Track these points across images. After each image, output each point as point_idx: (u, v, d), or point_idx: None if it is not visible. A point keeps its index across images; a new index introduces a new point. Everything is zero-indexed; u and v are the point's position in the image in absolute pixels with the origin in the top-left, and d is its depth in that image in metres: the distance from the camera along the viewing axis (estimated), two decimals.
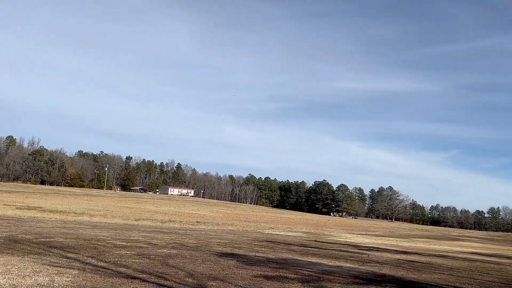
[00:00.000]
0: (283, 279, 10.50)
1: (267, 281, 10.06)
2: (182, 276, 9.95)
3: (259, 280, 10.20)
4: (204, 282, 9.33)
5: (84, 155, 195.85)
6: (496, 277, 15.13)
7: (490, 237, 77.54)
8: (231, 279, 9.98)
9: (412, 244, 36.79)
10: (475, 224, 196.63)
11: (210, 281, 9.51)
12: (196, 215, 59.57)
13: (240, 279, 10.09)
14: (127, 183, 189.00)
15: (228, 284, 9.38)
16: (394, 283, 11.46)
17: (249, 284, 9.53)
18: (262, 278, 10.45)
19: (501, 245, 49.76)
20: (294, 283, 10.06)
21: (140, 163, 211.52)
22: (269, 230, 40.89)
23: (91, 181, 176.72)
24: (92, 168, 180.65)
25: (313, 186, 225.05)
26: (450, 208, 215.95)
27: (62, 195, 75.78)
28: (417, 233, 66.97)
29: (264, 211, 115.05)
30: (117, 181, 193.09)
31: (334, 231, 49.37)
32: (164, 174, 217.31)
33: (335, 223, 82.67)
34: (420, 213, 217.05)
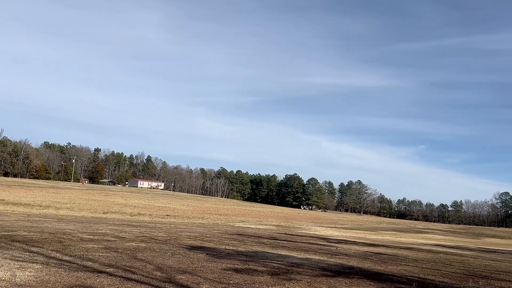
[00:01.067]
0: (253, 272, 10.52)
1: (236, 274, 10.05)
2: (151, 269, 9.81)
3: (228, 273, 10.17)
4: (173, 276, 9.23)
5: (50, 147, 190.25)
6: (458, 268, 15.67)
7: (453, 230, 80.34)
8: (200, 273, 9.91)
9: (379, 236, 37.69)
10: (439, 217, 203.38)
11: (179, 275, 9.42)
12: (166, 208, 58.98)
13: (210, 272, 10.04)
14: (95, 175, 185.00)
15: (197, 277, 9.31)
16: (362, 275, 11.68)
17: (218, 277, 9.49)
18: (232, 271, 10.43)
19: (463, 238, 51.71)
20: (264, 276, 10.09)
21: (109, 155, 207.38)
22: (240, 223, 40.97)
23: (58, 173, 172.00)
24: (58, 160, 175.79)
25: (284, 180, 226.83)
26: (416, 201, 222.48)
27: (26, 188, 73.37)
28: (384, 226, 68.67)
29: (235, 204, 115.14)
30: (85, 173, 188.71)
31: (304, 224, 49.97)
32: (134, 166, 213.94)
33: (305, 216, 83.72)
34: (387, 207, 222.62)
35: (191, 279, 9.05)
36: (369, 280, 10.73)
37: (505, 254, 26.61)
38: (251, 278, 9.66)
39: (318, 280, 10.11)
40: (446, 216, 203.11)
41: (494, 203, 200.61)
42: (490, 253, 26.41)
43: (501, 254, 26.23)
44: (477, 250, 28.60)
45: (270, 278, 9.85)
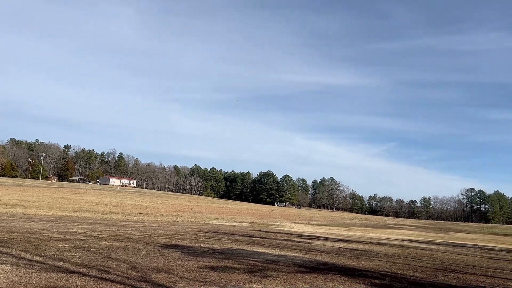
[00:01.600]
0: (229, 270, 10.52)
1: (213, 272, 10.03)
2: (125, 269, 9.66)
3: (204, 271, 10.14)
4: (148, 275, 9.12)
5: (17, 143, 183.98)
6: (428, 263, 16.13)
7: (422, 225, 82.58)
8: (176, 271, 9.83)
9: (351, 232, 38.33)
10: (409, 213, 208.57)
11: (155, 274, 9.32)
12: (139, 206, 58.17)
13: (186, 271, 9.97)
14: (65, 173, 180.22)
15: (173, 276, 9.24)
16: (336, 270, 11.86)
17: (194, 276, 9.44)
18: (208, 269, 10.40)
19: (432, 232, 53.21)
20: (240, 273, 10.10)
21: (80, 152, 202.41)
22: (214, 220, 40.85)
23: (25, 171, 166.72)
24: (26, 157, 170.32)
25: (258, 177, 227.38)
26: (386, 198, 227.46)
27: None
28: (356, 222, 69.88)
29: (209, 201, 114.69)
30: (54, 171, 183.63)
31: (278, 221, 50.29)
32: (105, 164, 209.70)
33: (279, 213, 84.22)
34: (359, 203, 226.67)
35: (167, 277, 8.97)
36: (344, 276, 10.91)
37: (471, 248, 27.56)
38: (228, 276, 9.66)
39: (294, 277, 10.20)
40: (416, 212, 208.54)
41: (461, 199, 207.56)
42: (457, 248, 27.30)
43: (467, 248, 27.16)
44: (445, 245, 29.49)
45: (246, 275, 9.87)
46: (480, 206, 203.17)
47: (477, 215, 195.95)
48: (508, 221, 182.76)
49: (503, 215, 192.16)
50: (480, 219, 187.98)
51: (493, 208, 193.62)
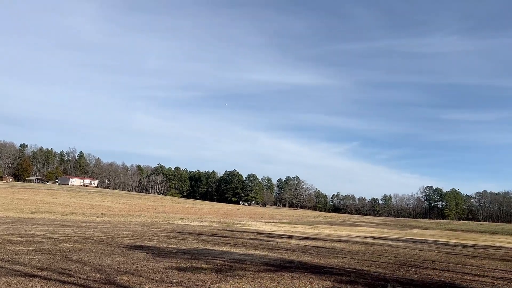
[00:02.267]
0: (196, 270, 10.42)
1: (179, 273, 9.89)
2: (88, 271, 9.37)
3: (171, 272, 9.99)
4: (112, 277, 8.89)
5: None
6: (390, 259, 16.60)
7: (383, 222, 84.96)
8: (141, 272, 9.64)
9: (316, 230, 38.90)
10: (371, 211, 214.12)
11: (119, 275, 9.09)
12: (101, 206, 56.67)
13: (151, 272, 9.79)
14: (21, 173, 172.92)
15: (138, 277, 9.04)
16: (303, 268, 11.98)
17: (161, 277, 9.28)
18: (175, 270, 10.25)
19: (392, 229, 54.82)
20: (207, 273, 10.03)
21: (37, 151, 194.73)
22: (179, 220, 40.38)
23: None
24: None
25: (223, 176, 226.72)
26: (349, 196, 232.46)
27: None
28: (320, 220, 71.00)
29: (174, 201, 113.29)
30: (9, 170, 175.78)
31: (244, 220, 50.34)
32: (65, 163, 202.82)
33: (245, 212, 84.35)
34: (323, 201, 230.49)
35: (133, 279, 8.77)
36: (310, 273, 11.04)
37: (430, 244, 28.60)
38: (195, 276, 9.56)
39: (261, 275, 10.22)
40: (377, 209, 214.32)
41: (419, 197, 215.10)
42: (417, 243, 28.25)
43: (426, 244, 28.16)
44: (405, 241, 30.44)
45: (214, 275, 9.81)
46: (437, 203, 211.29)
47: (434, 211, 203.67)
48: (463, 217, 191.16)
49: (458, 211, 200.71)
50: (438, 215, 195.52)
51: (450, 205, 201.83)
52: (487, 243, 33.93)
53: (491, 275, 13.30)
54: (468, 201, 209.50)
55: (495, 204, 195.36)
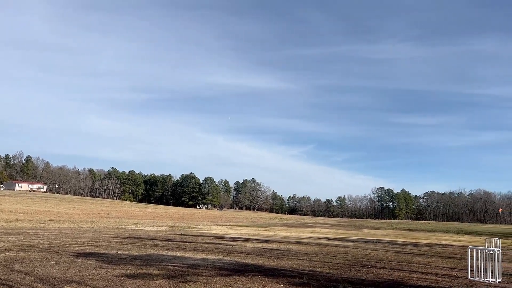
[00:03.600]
0: (147, 276, 10.15)
1: (129, 280, 9.60)
2: (31, 281, 8.88)
3: (121, 279, 9.67)
4: (57, 287, 8.47)
5: None
6: (342, 259, 16.97)
7: (338, 223, 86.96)
8: (89, 281, 9.26)
9: (272, 232, 39.14)
10: (326, 212, 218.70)
11: (65, 285, 8.68)
12: (50, 212, 54.22)
13: (100, 280, 9.43)
14: None
15: (85, 286, 8.68)
16: (257, 271, 11.99)
17: (109, 285, 8.96)
18: (125, 277, 9.94)
19: (346, 230, 56.16)
20: (159, 280, 9.79)
21: None
22: (133, 225, 39.36)
23: None
24: None
25: (179, 179, 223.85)
26: (305, 197, 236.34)
27: None
28: (277, 222, 71.60)
29: (128, 206, 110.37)
30: None
31: (200, 224, 49.83)
32: (11, 167, 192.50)
33: (201, 215, 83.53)
34: (279, 203, 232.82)
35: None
36: (264, 276, 11.06)
37: (381, 244, 29.53)
38: (146, 283, 9.31)
39: (214, 280, 10.12)
40: (332, 211, 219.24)
41: (372, 197, 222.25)
42: (369, 243, 29.08)
43: (378, 244, 29.06)
44: (358, 241, 31.26)
45: (166, 282, 9.59)
46: (388, 203, 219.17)
47: (386, 212, 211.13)
48: (413, 217, 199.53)
49: (408, 211, 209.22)
50: (389, 215, 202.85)
51: (400, 205, 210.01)
52: (434, 242, 35.51)
53: (436, 273, 13.90)
54: (417, 201, 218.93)
55: (442, 204, 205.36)
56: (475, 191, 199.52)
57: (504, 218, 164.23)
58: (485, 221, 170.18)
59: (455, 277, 12.88)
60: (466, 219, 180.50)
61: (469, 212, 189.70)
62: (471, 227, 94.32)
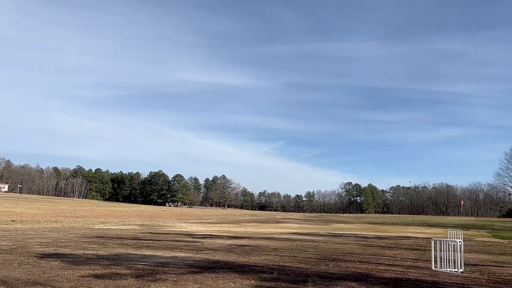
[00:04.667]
0: (115, 276, 9.95)
1: (97, 280, 9.38)
2: None
3: (87, 279, 9.44)
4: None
5: None
6: (312, 254, 17.19)
7: (307, 218, 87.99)
8: (54, 282, 8.99)
9: (242, 229, 39.20)
10: (295, 207, 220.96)
11: (29, 287, 8.40)
12: (12, 213, 52.27)
13: (66, 281, 9.17)
14: None
15: (50, 287, 8.43)
16: (227, 268, 11.98)
17: (76, 286, 8.73)
18: (92, 277, 9.71)
19: (315, 225, 56.91)
20: (127, 279, 9.62)
21: None
22: (100, 225, 38.50)
23: None
24: None
25: (148, 177, 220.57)
26: (275, 193, 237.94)
27: None
28: (247, 218, 71.76)
29: (95, 205, 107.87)
30: None
31: (170, 222, 49.30)
32: None
33: (171, 213, 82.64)
34: (249, 199, 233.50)
35: None
36: (234, 273, 11.06)
37: (349, 237, 30.11)
38: (114, 283, 9.12)
39: (184, 278, 10.04)
40: (301, 206, 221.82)
41: (340, 192, 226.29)
42: (337, 237, 29.59)
43: (346, 238, 29.61)
44: (327, 235, 31.75)
45: (134, 281, 9.44)
46: (356, 198, 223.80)
47: (354, 206, 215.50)
48: (380, 211, 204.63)
49: (375, 205, 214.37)
50: (357, 210, 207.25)
51: (367, 199, 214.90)
52: (400, 234, 36.51)
53: (402, 264, 14.31)
54: (383, 195, 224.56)
55: (407, 198, 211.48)
56: (438, 185, 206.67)
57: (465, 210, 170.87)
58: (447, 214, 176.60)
59: (419, 268, 13.29)
60: (430, 212, 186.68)
61: (433, 205, 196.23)
62: (434, 219, 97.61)
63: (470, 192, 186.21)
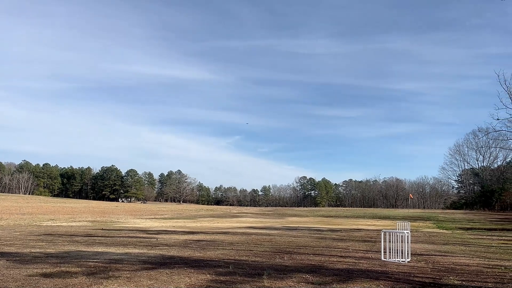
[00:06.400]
0: (65, 274, 9.62)
1: (45, 279, 9.03)
2: None
3: (35, 279, 9.06)
4: None
5: None
6: (267, 247, 17.41)
7: (263, 212, 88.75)
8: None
9: (198, 224, 38.98)
10: (251, 202, 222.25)
11: None
12: None
13: (12, 281, 8.76)
14: None
15: None
16: (182, 263, 11.89)
17: (22, 285, 8.37)
18: (40, 277, 9.33)
19: (271, 218, 57.56)
20: (78, 277, 9.33)
21: None
22: (49, 222, 36.96)
23: None
24: None
25: (100, 172, 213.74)
26: (231, 188, 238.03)
27: None
28: (203, 213, 71.37)
29: (43, 201, 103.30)
30: None
31: (123, 218, 48.13)
32: None
33: (124, 209, 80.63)
34: (205, 194, 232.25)
35: None
36: (190, 268, 11.00)
37: (303, 231, 30.72)
38: (64, 281, 8.82)
39: (138, 274, 9.87)
40: (257, 200, 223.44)
41: (295, 186, 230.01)
42: (292, 231, 30.11)
43: (301, 231, 30.19)
44: (282, 229, 32.21)
45: (85, 279, 9.16)
46: (310, 192, 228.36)
47: (308, 200, 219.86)
48: (333, 204, 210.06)
49: (329, 199, 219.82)
50: (311, 203, 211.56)
51: (321, 193, 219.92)
52: (352, 227, 37.71)
53: (354, 256, 14.81)
54: (336, 189, 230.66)
55: (359, 191, 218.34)
56: (388, 179, 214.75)
57: (413, 203, 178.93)
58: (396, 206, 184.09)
59: (370, 259, 13.82)
60: (380, 205, 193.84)
61: (383, 198, 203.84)
62: (384, 212, 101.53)
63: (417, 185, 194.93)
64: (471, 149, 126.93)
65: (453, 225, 42.68)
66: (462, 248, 18.62)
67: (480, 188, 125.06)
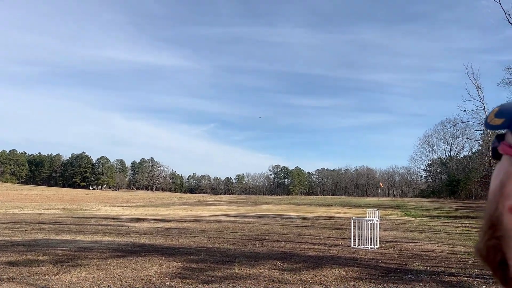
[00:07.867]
0: (32, 263, 9.40)
1: (11, 268, 8.81)
2: None
3: (0, 267, 8.82)
4: None
5: None
6: (239, 234, 17.49)
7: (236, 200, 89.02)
8: None
9: (171, 212, 38.75)
10: (225, 190, 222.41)
11: None
12: None
13: None
14: None
15: None
16: (153, 251, 11.82)
17: None
18: (5, 265, 9.09)
19: (244, 206, 57.82)
20: (45, 266, 9.14)
21: None
22: (15, 209, 35.96)
23: None
24: None
25: (70, 159, 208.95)
26: (205, 176, 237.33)
27: None
28: (176, 201, 70.96)
29: (9, 188, 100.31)
30: None
31: (93, 205, 47.33)
32: None
33: (95, 196, 79.22)
34: (179, 182, 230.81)
35: None
36: (161, 255, 10.95)
37: (276, 218, 31.02)
38: (30, 270, 8.62)
39: (108, 262, 9.75)
40: (231, 188, 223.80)
41: (269, 175, 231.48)
42: (264, 218, 30.34)
43: (273, 219, 30.47)
44: (255, 217, 32.42)
45: (53, 267, 8.99)
46: (284, 180, 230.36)
47: (281, 188, 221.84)
48: (305, 193, 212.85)
49: (301, 187, 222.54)
50: (284, 191, 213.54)
51: (294, 181, 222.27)
52: (323, 214, 38.33)
53: (324, 243, 15.07)
54: (309, 177, 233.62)
55: (331, 180, 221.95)
56: (359, 168, 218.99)
57: (383, 191, 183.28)
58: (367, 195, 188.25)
59: (340, 246, 14.10)
60: (351, 193, 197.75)
61: (354, 186, 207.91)
62: (355, 200, 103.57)
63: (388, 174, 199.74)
64: (439, 140, 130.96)
65: (420, 213, 43.99)
66: (428, 235, 19.25)
67: (447, 177, 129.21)
